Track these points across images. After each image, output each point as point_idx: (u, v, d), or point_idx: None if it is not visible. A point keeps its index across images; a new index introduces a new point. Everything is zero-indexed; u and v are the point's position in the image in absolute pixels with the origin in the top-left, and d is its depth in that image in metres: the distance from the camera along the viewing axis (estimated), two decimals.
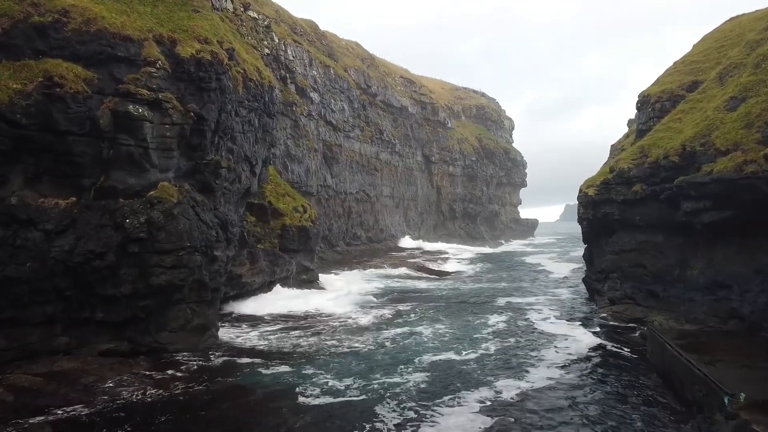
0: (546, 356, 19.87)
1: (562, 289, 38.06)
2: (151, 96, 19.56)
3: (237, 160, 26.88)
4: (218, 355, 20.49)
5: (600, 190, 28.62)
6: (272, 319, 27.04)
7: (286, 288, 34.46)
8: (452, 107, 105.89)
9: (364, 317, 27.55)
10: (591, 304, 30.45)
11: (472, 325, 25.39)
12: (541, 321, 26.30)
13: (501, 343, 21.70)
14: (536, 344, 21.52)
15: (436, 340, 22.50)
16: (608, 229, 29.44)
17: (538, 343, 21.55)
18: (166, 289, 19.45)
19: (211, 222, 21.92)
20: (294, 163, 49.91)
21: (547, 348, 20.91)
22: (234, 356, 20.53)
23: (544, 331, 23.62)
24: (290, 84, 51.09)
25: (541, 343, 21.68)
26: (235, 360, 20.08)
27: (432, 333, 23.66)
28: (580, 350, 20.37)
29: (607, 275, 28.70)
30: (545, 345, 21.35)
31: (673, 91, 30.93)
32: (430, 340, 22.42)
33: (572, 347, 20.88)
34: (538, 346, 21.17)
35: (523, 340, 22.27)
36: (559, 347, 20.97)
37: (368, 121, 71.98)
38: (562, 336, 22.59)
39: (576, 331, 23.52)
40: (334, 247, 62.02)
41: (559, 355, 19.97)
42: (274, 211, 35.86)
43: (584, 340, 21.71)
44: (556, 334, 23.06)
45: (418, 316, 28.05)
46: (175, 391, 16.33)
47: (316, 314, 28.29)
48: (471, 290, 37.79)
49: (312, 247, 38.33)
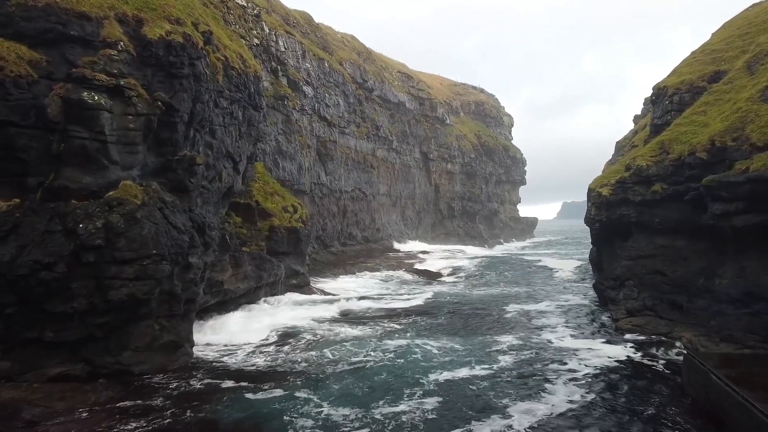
0: (565, 376, 17.50)
1: (570, 295, 35.67)
2: (110, 82, 17.04)
3: (217, 156, 24.39)
4: (198, 378, 18.01)
5: (615, 189, 26.20)
6: (260, 331, 24.50)
7: (274, 296, 32.04)
8: (451, 103, 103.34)
9: (363, 328, 25.02)
10: (604, 312, 28.04)
11: (481, 336, 22.94)
12: (555, 332, 23.89)
13: (515, 359, 19.33)
14: (553, 361, 19.12)
15: (444, 355, 20.10)
16: (623, 232, 27.05)
17: (555, 360, 19.14)
18: (128, 304, 16.96)
19: (183, 225, 19.42)
20: (285, 159, 47.38)
21: (566, 366, 18.53)
22: (215, 378, 18.01)
23: (561, 347, 21.19)
24: (282, 77, 48.52)
25: (559, 359, 19.27)
26: (217, 384, 17.55)
27: (439, 346, 21.22)
28: (602, 371, 17.95)
29: (622, 282, 26.30)
30: (563, 362, 18.96)
31: (692, 83, 28.52)
32: (437, 355, 20.02)
33: (593, 365, 18.49)
34: (556, 364, 18.77)
35: (539, 355, 19.86)
36: (578, 366, 18.55)
37: (364, 116, 69.44)
38: (580, 352, 20.18)
39: (595, 346, 21.08)
40: (329, 247, 59.54)
41: (579, 375, 17.56)
42: (262, 212, 33.36)
43: (605, 357, 19.31)
44: (574, 349, 20.64)
45: (422, 326, 25.57)
46: (138, 426, 13.89)
47: (310, 325, 25.73)
48: (476, 296, 35.13)
49: (303, 250, 35.87)
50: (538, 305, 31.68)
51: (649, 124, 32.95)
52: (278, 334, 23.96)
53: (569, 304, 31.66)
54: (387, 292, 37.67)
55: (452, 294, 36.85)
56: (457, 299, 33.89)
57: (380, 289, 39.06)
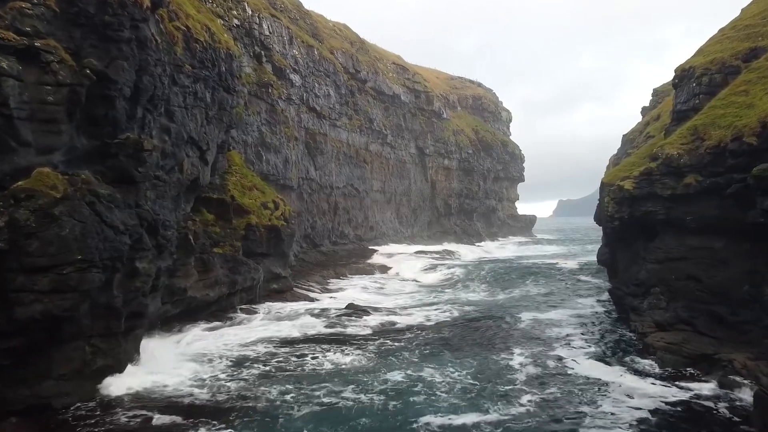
0: (600, 421, 13.95)
1: (583, 300, 32.17)
2: (20, 42, 13.45)
3: (177, 142, 20.81)
4: (126, 407, 14.54)
5: (640, 183, 22.72)
6: (222, 349, 20.85)
7: (251, 303, 28.49)
8: (447, 97, 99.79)
9: (350, 350, 20.67)
10: (625, 323, 24.55)
11: (491, 363, 19.04)
12: (575, 353, 20.27)
13: (535, 398, 15.54)
14: (582, 401, 15.30)
15: (449, 390, 16.28)
16: (648, 232, 23.61)
17: (584, 400, 15.35)
18: (44, 324, 13.40)
19: (124, 224, 15.83)
20: (270, 152, 43.74)
21: (599, 408, 14.71)
22: (151, 411, 14.52)
23: (587, 376, 17.46)
24: (266, 63, 44.85)
25: (589, 399, 15.45)
26: (151, 418, 14.10)
27: (442, 378, 17.34)
28: (646, 417, 14.27)
29: (647, 289, 22.84)
30: (595, 403, 15.08)
31: (724, 61, 25.08)
32: (440, 391, 16.16)
33: (633, 407, 14.74)
34: (587, 406, 14.92)
35: (563, 392, 16.09)
36: (615, 408, 14.62)
37: (357, 108, 65.80)
38: (613, 386, 16.47)
39: (628, 376, 17.37)
40: (318, 246, 55.94)
41: (620, 424, 13.88)
42: (238, 208, 29.79)
43: (645, 395, 15.69)
44: (605, 382, 16.91)
45: (422, 346, 21.46)
46: None
47: (283, 343, 21.80)
48: (480, 307, 30.67)
49: (285, 251, 32.30)
50: (550, 313, 28.15)
51: (671, 111, 29.48)
52: (240, 357, 19.96)
53: (584, 314, 28.13)
54: (381, 299, 34.08)
55: (455, 304, 33.26)
56: (461, 312, 30.05)
57: (373, 295, 35.51)
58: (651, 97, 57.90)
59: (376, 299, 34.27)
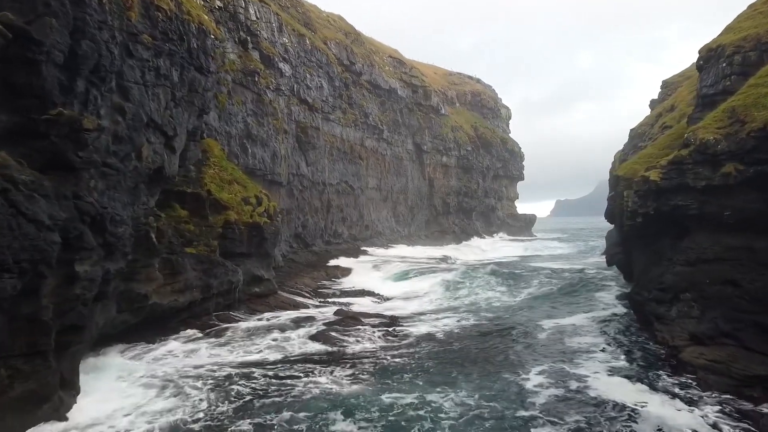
0: None
1: (599, 303, 29.25)
2: None
3: (134, 124, 17.86)
4: None
5: (668, 173, 19.86)
6: (186, 369, 17.80)
7: (229, 309, 25.59)
8: (446, 93, 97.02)
9: (340, 371, 17.30)
10: (648, 332, 21.70)
11: (506, 384, 16.15)
12: (598, 372, 17.31)
13: (557, 428, 12.78)
14: None
15: (461, 419, 13.49)
16: (677, 229, 20.77)
17: (612, 429, 12.64)
18: None
19: (53, 218, 12.90)
20: (256, 145, 40.82)
21: None
22: None
23: (614, 400, 14.57)
24: (252, 50, 41.92)
25: (617, 427, 12.75)
26: None
27: (451, 406, 14.39)
28: None
29: (676, 295, 20.00)
30: None
31: (759, 38, 22.30)
32: (450, 425, 13.32)
33: None
34: None
35: (587, 418, 13.30)
36: None
37: (351, 102, 62.90)
38: (643, 413, 13.63)
39: (661, 398, 14.61)
40: (310, 246, 53.03)
41: None
42: (215, 203, 26.87)
43: (684, 422, 12.90)
44: (634, 406, 14.04)
45: (425, 367, 18.02)
46: None
47: (260, 363, 18.51)
48: (492, 315, 27.09)
49: (268, 251, 29.38)
50: (567, 319, 25.31)
51: (696, 96, 26.68)
52: (207, 378, 16.85)
53: (600, 321, 25.19)
54: (376, 303, 31.14)
55: (456, 313, 30.46)
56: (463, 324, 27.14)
57: (367, 298, 32.53)
58: (660, 89, 55.27)
59: (371, 303, 31.40)
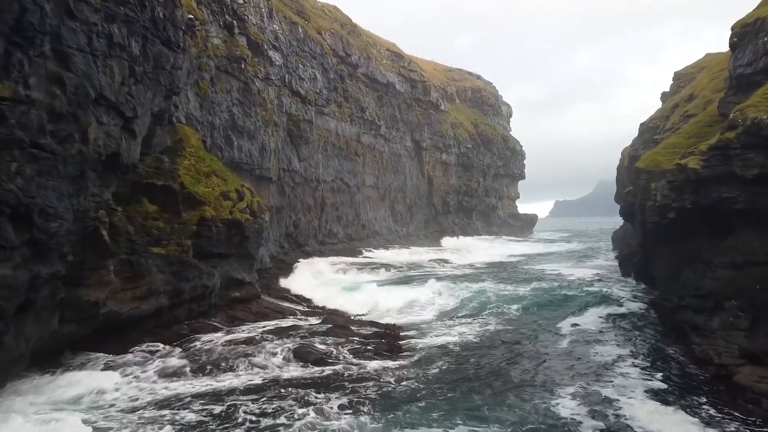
0: None
1: (617, 304, 26.38)
2: None
3: (78, 100, 14.92)
4: None
5: (710, 160, 16.99)
6: (132, 399, 14.49)
7: (205, 316, 22.66)
8: (446, 88, 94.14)
9: (332, 402, 13.82)
10: (680, 344, 18.83)
11: (535, 412, 13.18)
12: (634, 394, 14.46)
13: None
14: None
15: None
16: (718, 225, 17.88)
17: None
18: None
19: None
20: (242, 137, 37.89)
21: None
22: None
23: None
24: (239, 35, 38.96)
25: None
26: None
27: None
28: None
29: (718, 303, 17.13)
30: None
31: None
32: None
33: None
34: None
35: None
36: None
37: (347, 95, 60.00)
38: None
39: None
40: (302, 246, 50.15)
41: None
42: (189, 198, 23.93)
43: None
44: None
45: (439, 397, 14.49)
46: None
47: (230, 390, 14.85)
48: (497, 330, 22.94)
49: (250, 251, 26.44)
50: (588, 326, 22.46)
51: (728, 78, 23.83)
52: (158, 416, 13.41)
53: (621, 328, 22.40)
54: (372, 309, 28.02)
55: (461, 317, 27.55)
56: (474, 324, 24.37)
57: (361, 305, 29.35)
58: (672, 81, 52.64)
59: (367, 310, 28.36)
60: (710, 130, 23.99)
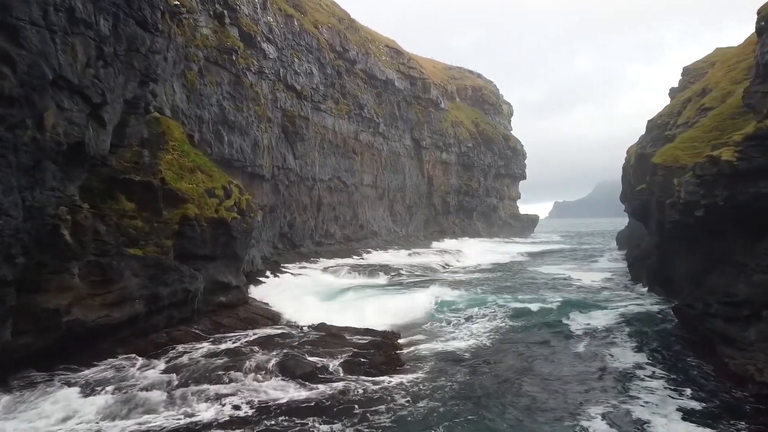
0: None
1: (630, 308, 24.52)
2: None
3: (32, 81, 13.09)
4: None
5: (748, 150, 15.17)
6: None
7: (186, 323, 20.80)
8: (446, 87, 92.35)
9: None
10: (708, 355, 17.00)
11: None
12: (667, 417, 12.71)
13: None
14: None
15: None
16: (753, 224, 16.07)
17: None
18: None
19: None
20: (234, 132, 36.07)
21: None
22: None
23: None
24: (230, 26, 37.17)
25: None
26: None
27: None
28: None
29: (755, 311, 15.30)
30: None
31: None
32: None
33: None
34: None
35: None
36: None
37: (344, 92, 58.17)
38: None
39: None
40: (298, 247, 48.35)
41: None
42: (170, 195, 22.06)
43: None
44: None
45: (462, 425, 12.55)
46: None
47: (207, 425, 12.72)
48: (510, 338, 21.11)
49: (238, 252, 24.58)
50: (598, 332, 20.61)
51: (755, 66, 22.00)
52: None
53: (639, 333, 20.55)
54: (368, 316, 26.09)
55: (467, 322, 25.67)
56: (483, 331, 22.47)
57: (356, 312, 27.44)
58: (681, 76, 50.95)
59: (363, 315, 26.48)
60: (734, 123, 22.30)
